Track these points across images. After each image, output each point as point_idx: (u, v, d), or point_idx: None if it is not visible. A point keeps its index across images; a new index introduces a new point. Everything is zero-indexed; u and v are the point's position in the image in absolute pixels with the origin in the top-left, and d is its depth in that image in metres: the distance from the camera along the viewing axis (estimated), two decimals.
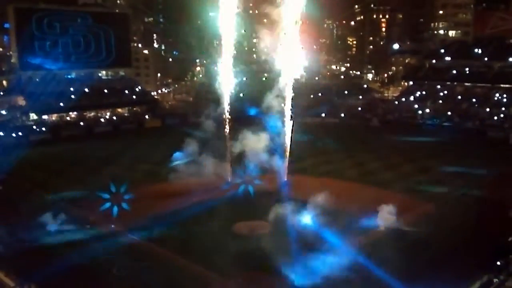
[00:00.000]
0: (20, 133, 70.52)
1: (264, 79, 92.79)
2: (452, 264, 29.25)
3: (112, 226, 35.86)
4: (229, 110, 46.29)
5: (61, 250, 32.07)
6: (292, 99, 45.13)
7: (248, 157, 45.10)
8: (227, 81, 45.76)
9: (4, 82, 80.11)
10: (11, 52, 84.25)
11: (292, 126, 45.97)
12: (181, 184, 44.52)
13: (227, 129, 46.43)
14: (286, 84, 45.12)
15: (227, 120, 46.39)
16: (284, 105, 45.66)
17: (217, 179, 46.49)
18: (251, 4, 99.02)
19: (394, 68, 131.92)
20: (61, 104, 79.45)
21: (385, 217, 35.71)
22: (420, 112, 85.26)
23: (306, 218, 35.52)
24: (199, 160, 47.12)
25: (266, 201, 38.87)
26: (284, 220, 35.81)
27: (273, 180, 45.93)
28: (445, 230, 34.90)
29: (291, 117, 45.80)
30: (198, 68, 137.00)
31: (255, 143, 46.23)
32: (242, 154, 46.57)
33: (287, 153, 46.35)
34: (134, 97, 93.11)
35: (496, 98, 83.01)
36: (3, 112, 73.98)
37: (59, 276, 27.80)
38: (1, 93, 77.78)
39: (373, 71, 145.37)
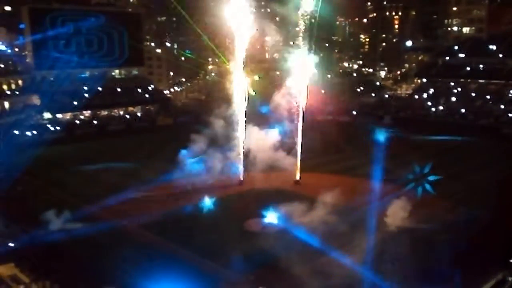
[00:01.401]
0: (34, 132, 71.46)
1: (275, 77, 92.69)
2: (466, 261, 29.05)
3: (125, 222, 36.24)
4: (241, 108, 46.39)
5: (74, 247, 32.44)
6: (303, 97, 45.19)
7: (259, 154, 45.18)
8: (239, 79, 45.89)
9: (19, 82, 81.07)
10: (26, 52, 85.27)
11: (304, 124, 46.00)
12: (192, 181, 44.78)
13: (238, 127, 46.57)
14: (298, 82, 45.25)
15: (239, 118, 46.53)
16: (296, 103, 45.77)
17: (228, 177, 46.72)
18: (263, 3, 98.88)
19: (407, 65, 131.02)
20: (75, 103, 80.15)
21: (396, 214, 35.56)
22: (433, 109, 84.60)
23: (316, 216, 35.50)
24: (211, 158, 47.29)
25: (278, 198, 38.89)
26: (294, 217, 35.86)
27: (284, 177, 45.96)
28: (458, 226, 34.65)
29: (303, 114, 45.87)
30: (210, 67, 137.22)
31: (266, 140, 46.31)
32: (253, 152, 46.65)
33: (299, 151, 46.39)
34: (146, 95, 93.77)
35: (510, 95, 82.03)
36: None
37: (72, 273, 28.22)
38: (16, 92, 78.80)
39: (385, 68, 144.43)
